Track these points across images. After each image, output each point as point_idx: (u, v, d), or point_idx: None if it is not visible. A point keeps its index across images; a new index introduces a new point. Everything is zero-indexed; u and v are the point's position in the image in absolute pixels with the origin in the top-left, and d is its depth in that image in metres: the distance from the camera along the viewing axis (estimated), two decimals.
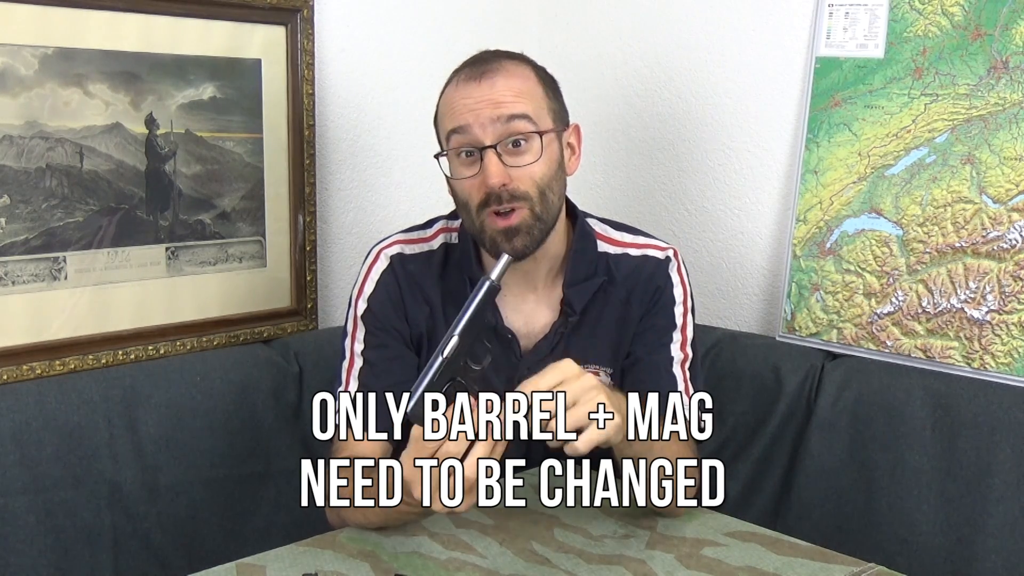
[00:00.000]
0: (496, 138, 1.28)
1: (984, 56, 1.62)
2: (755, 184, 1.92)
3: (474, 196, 1.30)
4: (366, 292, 1.41)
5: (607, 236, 1.45)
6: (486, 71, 1.31)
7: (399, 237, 1.45)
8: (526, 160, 1.29)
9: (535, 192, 1.30)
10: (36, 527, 1.47)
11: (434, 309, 1.40)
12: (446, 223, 1.46)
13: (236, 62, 1.73)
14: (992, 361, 1.60)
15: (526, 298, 1.40)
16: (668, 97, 2.03)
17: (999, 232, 1.60)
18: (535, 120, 1.30)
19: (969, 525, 1.54)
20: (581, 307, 1.39)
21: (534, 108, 1.31)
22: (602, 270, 1.42)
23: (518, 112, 1.29)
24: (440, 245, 1.43)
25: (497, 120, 1.28)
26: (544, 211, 1.31)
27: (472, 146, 1.29)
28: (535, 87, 1.34)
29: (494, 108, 1.28)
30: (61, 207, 1.56)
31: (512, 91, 1.30)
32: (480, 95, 1.29)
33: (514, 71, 1.33)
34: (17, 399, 1.48)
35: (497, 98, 1.29)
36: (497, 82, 1.30)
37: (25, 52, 1.50)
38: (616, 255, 1.43)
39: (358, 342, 1.39)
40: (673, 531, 1.24)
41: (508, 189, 1.28)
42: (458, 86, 1.32)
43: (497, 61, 1.33)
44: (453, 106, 1.31)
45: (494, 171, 1.27)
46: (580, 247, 1.41)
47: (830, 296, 1.78)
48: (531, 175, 1.29)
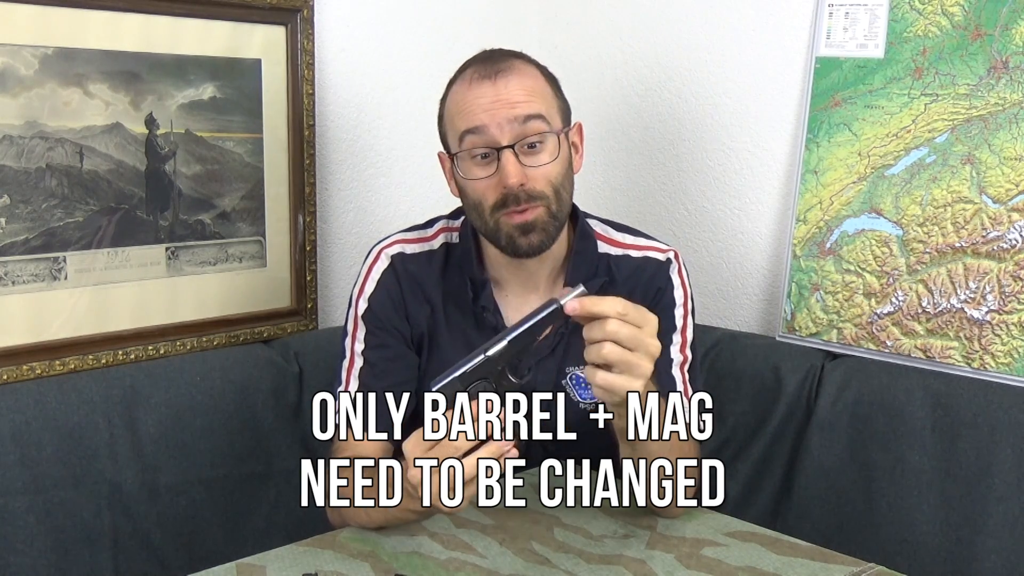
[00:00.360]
0: (513, 139, 1.28)
1: (984, 56, 1.62)
2: (755, 184, 1.92)
3: (489, 196, 1.30)
4: (367, 291, 1.41)
5: (608, 237, 1.45)
6: (500, 70, 1.30)
7: (400, 237, 1.45)
8: (542, 160, 1.30)
9: (551, 191, 1.30)
10: (36, 527, 1.47)
11: (435, 309, 1.40)
12: (447, 223, 1.46)
13: (236, 62, 1.73)
14: (992, 361, 1.60)
15: (528, 299, 1.40)
16: (668, 97, 2.03)
17: (999, 232, 1.60)
18: (549, 120, 1.31)
19: (969, 525, 1.54)
20: None
21: (547, 108, 1.31)
22: (603, 271, 1.42)
23: (534, 112, 1.29)
24: (441, 245, 1.43)
25: (514, 120, 1.28)
26: (559, 209, 1.32)
27: (488, 147, 1.29)
28: (545, 86, 1.34)
29: (510, 108, 1.28)
30: (61, 207, 1.56)
31: (526, 91, 1.30)
32: (495, 95, 1.29)
33: (525, 71, 1.32)
34: (17, 399, 1.48)
35: (512, 98, 1.29)
36: (511, 81, 1.29)
37: (25, 52, 1.50)
38: (617, 256, 1.44)
39: (358, 342, 1.39)
40: (673, 531, 1.24)
41: (525, 189, 1.28)
42: (471, 86, 1.31)
43: (507, 60, 1.32)
44: (466, 106, 1.30)
45: (512, 171, 1.27)
46: (581, 248, 1.41)
47: (830, 296, 1.78)
48: (546, 175, 1.30)
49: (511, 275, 1.40)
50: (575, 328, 1.39)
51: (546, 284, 1.41)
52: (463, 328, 1.40)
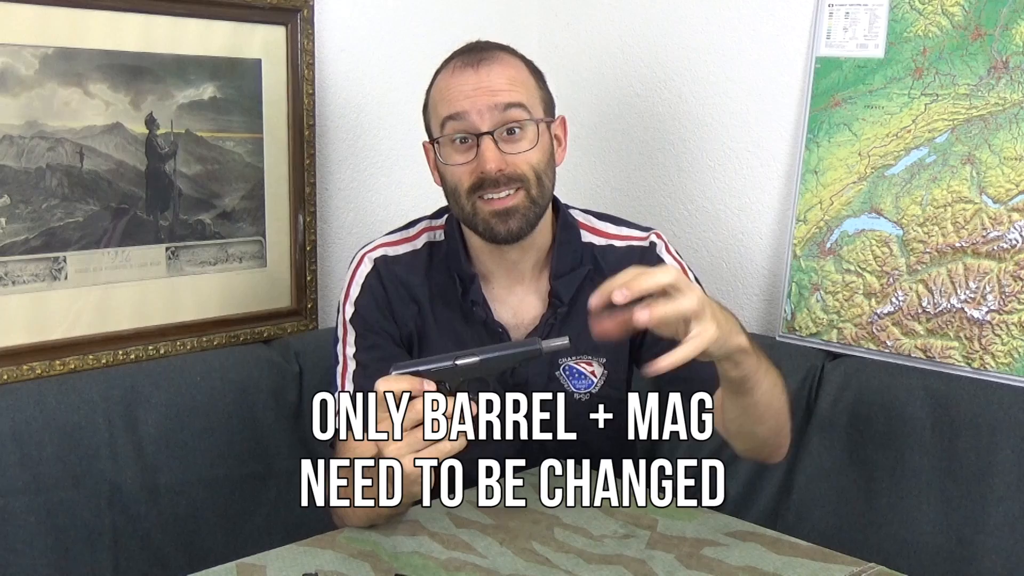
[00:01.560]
0: (493, 125, 1.30)
1: (984, 56, 1.62)
2: (755, 184, 1.92)
3: (465, 180, 1.32)
4: (352, 296, 1.42)
5: (590, 226, 1.47)
6: (483, 59, 1.33)
7: (382, 240, 1.46)
8: (522, 147, 1.32)
9: (532, 175, 1.32)
10: (36, 527, 1.47)
11: (422, 306, 1.41)
12: (429, 222, 1.47)
13: (236, 62, 1.73)
14: (992, 361, 1.60)
15: (513, 289, 1.41)
16: (668, 97, 2.03)
17: (999, 232, 1.60)
18: (529, 109, 1.33)
19: (969, 525, 1.54)
20: (569, 297, 1.40)
21: (528, 97, 1.33)
22: (588, 260, 1.43)
23: (514, 100, 1.31)
24: (424, 244, 1.45)
25: (494, 108, 1.30)
26: (540, 195, 1.34)
27: (468, 132, 1.31)
28: (528, 77, 1.36)
29: (491, 96, 1.30)
30: (61, 207, 1.56)
31: (507, 79, 1.32)
32: (477, 82, 1.31)
33: (508, 61, 1.35)
34: (17, 399, 1.48)
35: (494, 86, 1.31)
36: (493, 69, 1.32)
37: (25, 52, 1.50)
38: (602, 246, 1.45)
39: (349, 346, 1.40)
40: (673, 531, 1.24)
41: (505, 173, 1.30)
42: (453, 73, 1.33)
43: (490, 51, 1.35)
44: (448, 93, 1.33)
45: (491, 156, 1.29)
46: (565, 238, 1.42)
47: (830, 296, 1.77)
48: (527, 160, 1.32)
49: (496, 267, 1.41)
50: (564, 319, 1.40)
51: (531, 275, 1.42)
52: (452, 324, 1.41)
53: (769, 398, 1.25)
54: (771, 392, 1.25)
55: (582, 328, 1.39)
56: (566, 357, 1.40)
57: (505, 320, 1.41)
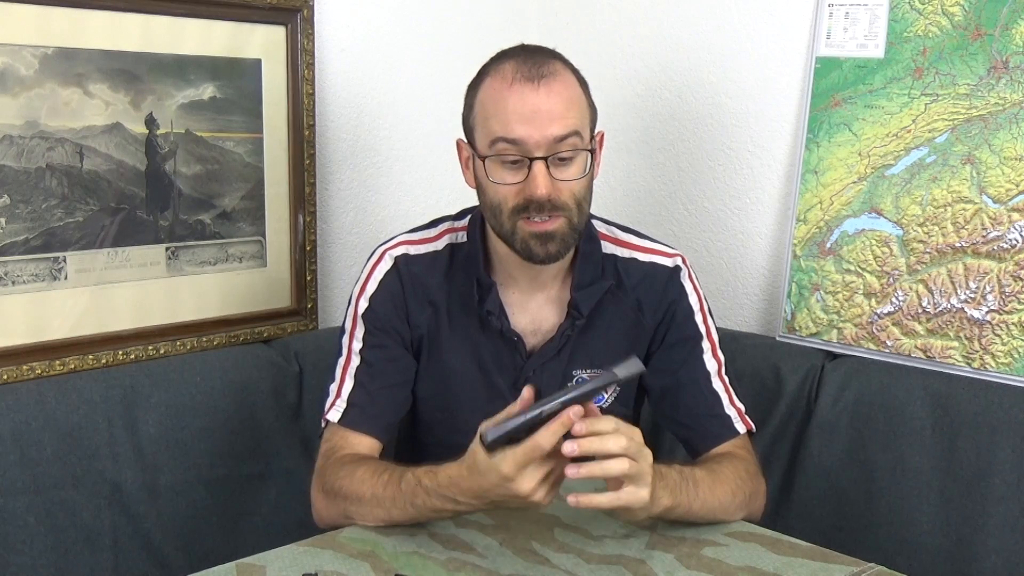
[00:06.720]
0: (548, 152, 1.26)
1: (984, 56, 1.62)
2: (755, 184, 1.92)
3: (510, 200, 1.28)
4: (368, 291, 1.40)
5: (613, 237, 1.45)
6: (543, 76, 1.27)
7: (404, 238, 1.44)
8: (571, 175, 1.28)
9: (573, 203, 1.29)
10: (36, 527, 1.47)
11: (438, 310, 1.40)
12: (452, 223, 1.45)
13: (236, 62, 1.73)
14: (992, 361, 1.60)
15: (534, 296, 1.40)
16: (668, 97, 2.03)
17: (999, 232, 1.60)
18: (583, 135, 1.29)
19: (969, 525, 1.54)
20: (588, 310, 1.38)
21: (581, 120, 1.29)
22: (609, 273, 1.41)
23: (571, 129, 1.27)
24: (445, 246, 1.43)
25: (552, 138, 1.26)
26: (579, 222, 1.32)
27: (521, 156, 1.27)
28: (581, 94, 1.32)
29: (550, 123, 1.25)
30: (61, 207, 1.56)
31: (565, 102, 1.27)
32: (536, 105, 1.25)
33: (565, 78, 1.29)
34: (17, 399, 1.48)
35: (554, 112, 1.26)
36: (553, 88, 1.26)
37: (25, 52, 1.50)
38: (624, 259, 1.43)
39: (357, 340, 1.39)
40: (673, 531, 1.24)
41: (551, 200, 1.27)
42: (512, 87, 1.27)
43: (549, 63, 1.29)
44: (504, 111, 1.27)
45: (542, 183, 1.25)
46: (587, 249, 1.40)
47: (830, 296, 1.78)
48: (571, 188, 1.29)
49: (520, 274, 1.39)
50: (582, 331, 1.39)
51: (552, 285, 1.40)
52: (467, 330, 1.40)
53: (710, 515, 1.27)
54: (711, 513, 1.26)
55: (598, 341, 1.40)
56: (580, 369, 1.40)
57: (522, 328, 1.39)
